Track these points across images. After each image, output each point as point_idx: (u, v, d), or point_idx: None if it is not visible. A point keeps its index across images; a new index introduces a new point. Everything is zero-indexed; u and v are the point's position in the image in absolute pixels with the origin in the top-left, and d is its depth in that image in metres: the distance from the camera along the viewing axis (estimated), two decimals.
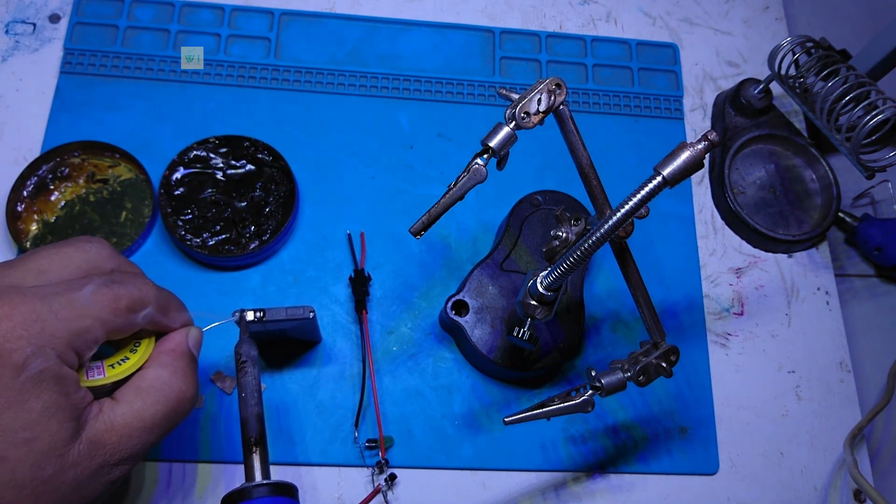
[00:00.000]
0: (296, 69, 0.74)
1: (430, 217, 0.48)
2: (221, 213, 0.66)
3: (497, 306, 0.62)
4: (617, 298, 0.69)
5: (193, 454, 0.60)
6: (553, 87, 0.47)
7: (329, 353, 0.64)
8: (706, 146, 0.41)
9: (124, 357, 0.45)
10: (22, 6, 0.73)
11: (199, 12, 0.75)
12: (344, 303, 0.66)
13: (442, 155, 0.73)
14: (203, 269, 0.66)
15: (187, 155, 0.67)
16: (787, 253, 0.74)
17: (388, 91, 0.74)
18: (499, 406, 0.64)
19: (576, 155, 0.51)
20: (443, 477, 0.62)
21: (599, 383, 0.50)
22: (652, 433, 0.65)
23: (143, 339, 0.47)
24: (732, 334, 0.70)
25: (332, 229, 0.68)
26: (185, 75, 0.72)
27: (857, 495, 0.65)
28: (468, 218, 0.70)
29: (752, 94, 0.75)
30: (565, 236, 0.51)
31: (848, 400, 0.69)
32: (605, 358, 0.67)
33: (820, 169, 0.75)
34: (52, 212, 0.65)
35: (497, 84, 0.76)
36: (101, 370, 0.44)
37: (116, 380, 0.44)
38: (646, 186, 0.42)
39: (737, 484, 0.64)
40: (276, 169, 0.68)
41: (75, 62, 0.71)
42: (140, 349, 0.46)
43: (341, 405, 0.62)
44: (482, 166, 0.47)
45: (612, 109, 0.77)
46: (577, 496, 0.62)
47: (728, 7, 0.84)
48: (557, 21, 0.81)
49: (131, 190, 0.67)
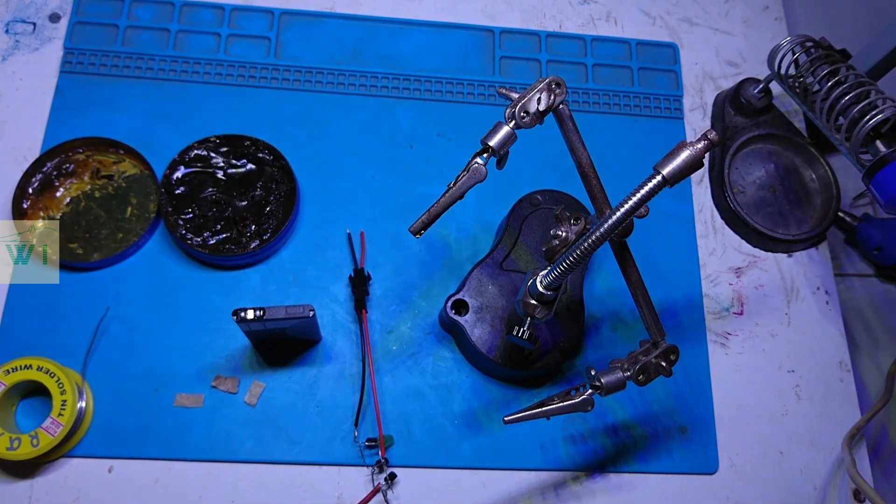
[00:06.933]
0: (296, 69, 0.74)
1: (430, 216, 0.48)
2: (222, 212, 0.66)
3: (497, 306, 0.62)
4: (617, 298, 0.69)
5: (193, 454, 0.60)
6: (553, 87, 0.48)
7: (329, 352, 0.64)
8: (706, 145, 0.41)
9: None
10: (22, 6, 0.73)
11: (199, 12, 0.75)
12: (344, 302, 0.66)
13: (442, 154, 0.73)
14: (203, 268, 0.66)
15: (188, 154, 0.67)
16: (787, 252, 0.74)
17: (388, 91, 0.74)
18: (498, 405, 0.64)
19: (575, 154, 0.51)
20: (442, 476, 0.62)
21: (599, 382, 0.50)
22: (651, 432, 0.65)
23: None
24: (732, 334, 0.70)
25: (333, 229, 0.68)
26: (186, 75, 0.72)
27: (857, 495, 0.65)
28: (468, 217, 0.70)
29: (752, 93, 0.75)
30: (565, 236, 0.51)
31: (847, 399, 0.69)
32: (604, 357, 0.67)
33: (819, 169, 0.75)
34: (58, 208, 0.65)
35: (497, 83, 0.76)
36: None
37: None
38: (645, 186, 0.42)
39: (736, 483, 0.65)
40: (277, 168, 0.68)
41: (75, 62, 0.71)
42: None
43: (341, 404, 0.63)
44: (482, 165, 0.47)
45: (611, 109, 0.77)
46: (576, 495, 0.62)
47: (728, 7, 0.84)
48: (557, 21, 0.81)
49: (136, 185, 0.67)
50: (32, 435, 0.56)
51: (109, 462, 0.59)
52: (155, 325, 0.63)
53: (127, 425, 0.60)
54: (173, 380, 0.62)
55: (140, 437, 0.60)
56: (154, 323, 0.63)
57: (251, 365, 0.63)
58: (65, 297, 0.63)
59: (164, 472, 0.59)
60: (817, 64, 0.68)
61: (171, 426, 0.60)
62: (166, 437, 0.60)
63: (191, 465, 0.60)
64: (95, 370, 0.61)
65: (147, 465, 0.59)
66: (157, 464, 0.60)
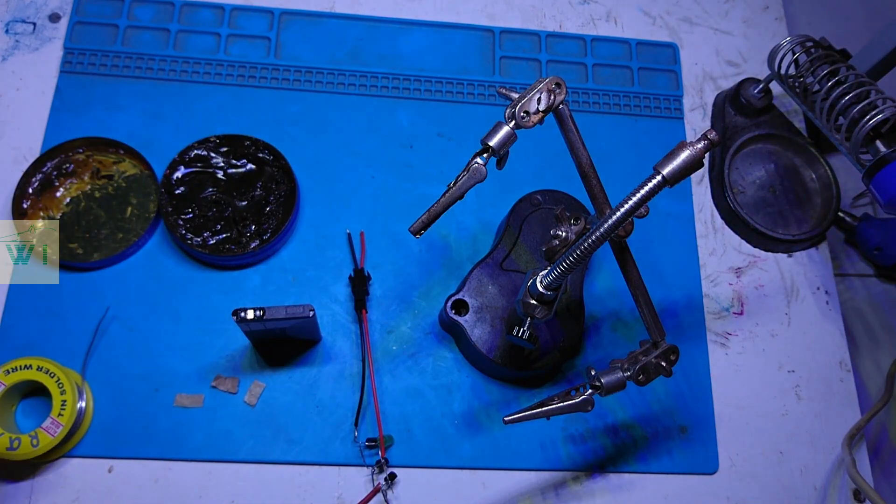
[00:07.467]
0: (296, 69, 0.74)
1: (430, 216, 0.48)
2: (222, 212, 0.66)
3: (497, 305, 0.62)
4: (617, 298, 0.69)
5: (194, 454, 0.60)
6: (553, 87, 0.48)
7: (329, 352, 0.64)
8: (706, 145, 0.41)
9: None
10: (22, 6, 0.73)
11: (199, 12, 0.75)
12: (344, 302, 0.66)
13: (442, 154, 0.73)
14: (203, 268, 0.66)
15: (188, 154, 0.67)
16: (787, 252, 0.74)
17: (388, 90, 0.74)
18: (498, 405, 0.64)
19: (576, 154, 0.51)
20: (443, 476, 0.62)
21: (599, 382, 0.50)
22: (651, 432, 0.65)
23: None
24: (732, 334, 0.70)
25: (332, 229, 0.68)
26: (186, 75, 0.72)
27: (857, 495, 0.65)
28: (468, 217, 0.70)
29: (752, 93, 0.75)
30: (565, 235, 0.51)
31: (847, 399, 0.69)
32: (604, 357, 0.67)
33: (819, 169, 0.75)
34: (58, 208, 0.65)
35: (497, 83, 0.76)
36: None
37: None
38: (645, 186, 0.42)
39: (736, 483, 0.65)
40: (277, 168, 0.68)
41: (75, 61, 0.71)
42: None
43: (341, 404, 0.63)
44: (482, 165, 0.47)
45: (611, 109, 0.77)
46: (576, 495, 0.62)
47: (728, 7, 0.84)
48: (557, 21, 0.81)
49: (136, 185, 0.67)
50: (32, 435, 0.56)
51: (109, 462, 0.59)
52: (155, 325, 0.63)
53: (127, 425, 0.60)
54: (173, 380, 0.62)
55: (140, 437, 0.60)
56: (154, 323, 0.63)
57: (251, 365, 0.63)
58: (65, 297, 0.63)
59: (164, 472, 0.59)
60: (817, 64, 0.68)
61: (171, 426, 0.60)
62: (166, 437, 0.60)
63: (191, 465, 0.60)
64: (95, 370, 0.61)
65: (147, 465, 0.59)
66: (157, 464, 0.60)
